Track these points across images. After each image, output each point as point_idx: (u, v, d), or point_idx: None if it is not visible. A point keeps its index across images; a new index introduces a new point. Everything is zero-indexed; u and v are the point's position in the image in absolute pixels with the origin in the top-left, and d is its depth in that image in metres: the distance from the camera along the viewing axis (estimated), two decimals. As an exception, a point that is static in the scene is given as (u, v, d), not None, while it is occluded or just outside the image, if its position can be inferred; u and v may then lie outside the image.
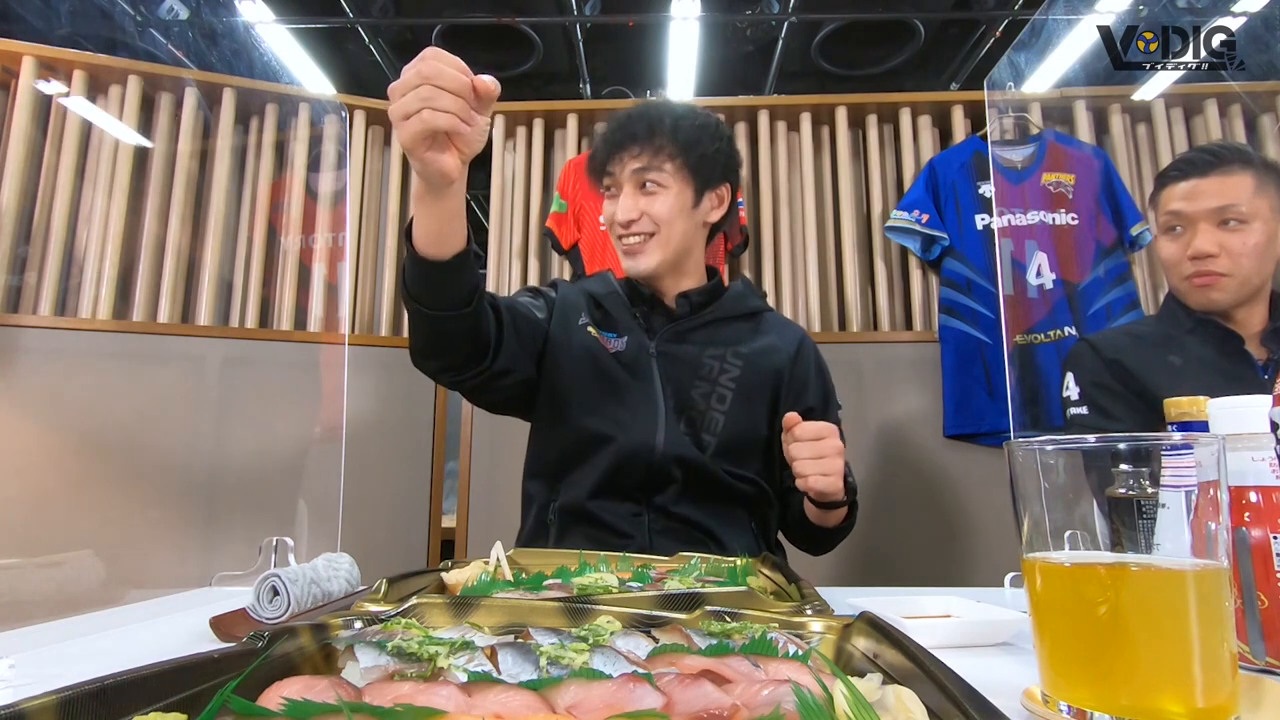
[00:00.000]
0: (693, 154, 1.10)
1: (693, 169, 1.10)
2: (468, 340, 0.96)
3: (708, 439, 1.10)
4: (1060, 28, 1.95)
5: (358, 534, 1.95)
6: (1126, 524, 0.44)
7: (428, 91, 0.71)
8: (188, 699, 0.36)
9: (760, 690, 0.37)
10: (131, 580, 1.83)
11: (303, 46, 3.27)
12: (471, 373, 1.00)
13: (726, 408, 1.11)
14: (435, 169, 0.76)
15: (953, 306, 2.13)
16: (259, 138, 2.31)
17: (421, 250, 0.84)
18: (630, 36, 3.57)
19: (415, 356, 0.98)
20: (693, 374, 1.12)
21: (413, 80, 0.72)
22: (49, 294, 2.04)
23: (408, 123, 0.72)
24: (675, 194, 1.09)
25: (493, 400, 1.14)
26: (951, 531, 2.04)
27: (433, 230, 0.83)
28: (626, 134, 1.10)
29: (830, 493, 0.96)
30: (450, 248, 0.85)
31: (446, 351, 0.96)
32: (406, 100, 0.72)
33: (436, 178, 0.77)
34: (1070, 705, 0.43)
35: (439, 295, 0.88)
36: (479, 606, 0.55)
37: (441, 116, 0.72)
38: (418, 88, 0.71)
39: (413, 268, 0.87)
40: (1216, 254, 1.17)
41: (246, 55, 3.05)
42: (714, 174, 1.13)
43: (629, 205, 1.09)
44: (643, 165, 1.08)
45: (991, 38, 3.50)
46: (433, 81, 0.71)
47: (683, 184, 1.10)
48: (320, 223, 2.29)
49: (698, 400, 1.11)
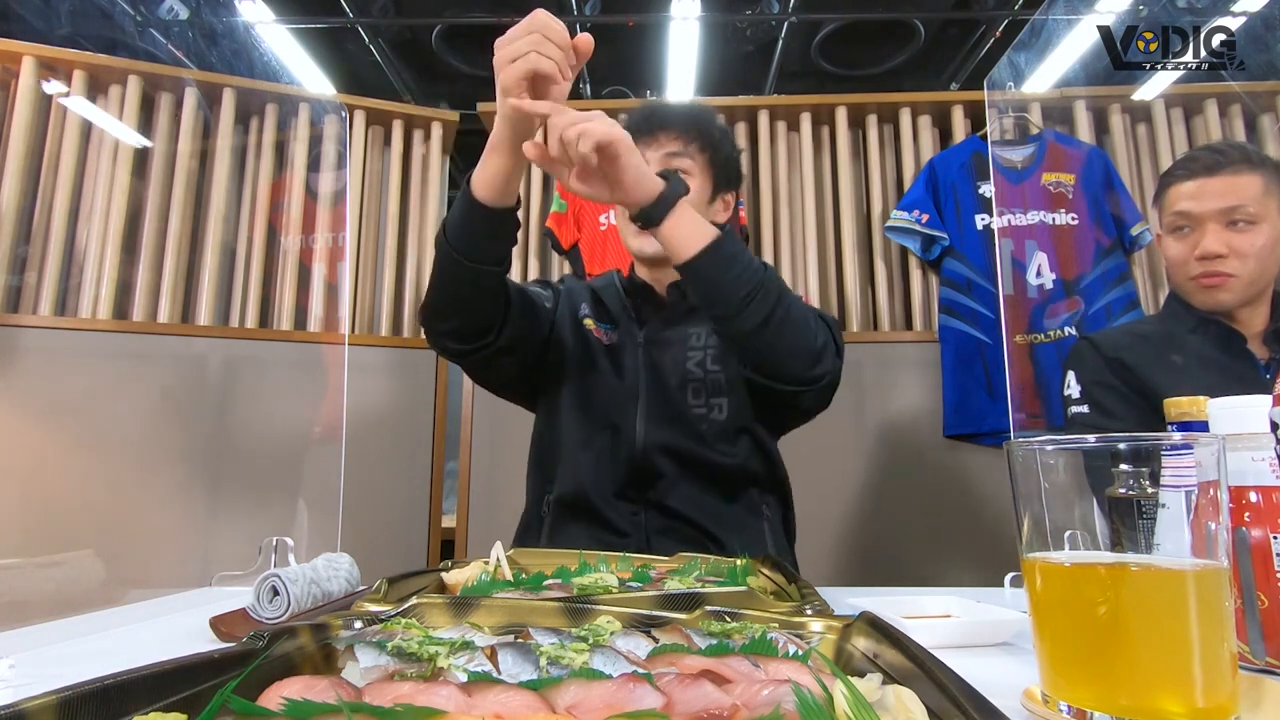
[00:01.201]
0: (720, 153, 1.13)
1: (716, 167, 1.13)
2: (488, 302, 0.99)
3: (717, 401, 1.10)
4: (1060, 28, 1.95)
5: (358, 534, 1.95)
6: (1126, 524, 0.45)
7: (538, 39, 0.80)
8: (188, 699, 0.36)
9: (760, 690, 0.37)
10: (131, 580, 1.83)
11: (303, 46, 3.27)
12: (478, 344, 1.01)
13: (723, 366, 1.11)
14: (527, 110, 0.83)
15: (953, 306, 2.13)
16: (259, 138, 2.31)
17: (481, 196, 0.90)
18: (630, 36, 3.57)
19: (430, 317, 1.00)
20: (683, 349, 1.13)
21: (524, 29, 0.80)
22: (49, 294, 2.04)
23: (514, 64, 0.80)
24: (699, 185, 1.11)
25: (495, 380, 1.15)
26: (951, 531, 2.04)
27: (499, 179, 0.89)
28: (663, 118, 1.12)
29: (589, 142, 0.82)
30: (506, 200, 0.91)
31: (466, 310, 0.99)
32: (519, 44, 0.80)
33: (521, 124, 0.85)
34: (1070, 705, 0.43)
35: (482, 246, 0.93)
36: (479, 606, 0.55)
37: (546, 61, 0.80)
38: (529, 35, 0.80)
39: (465, 214, 0.91)
40: (1225, 254, 1.16)
41: (246, 55, 3.05)
42: (730, 178, 1.16)
43: None
44: (677, 150, 1.10)
45: (991, 38, 3.50)
46: (542, 31, 0.80)
47: (704, 179, 1.13)
48: (320, 223, 2.29)
49: (694, 370, 1.11)
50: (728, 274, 0.91)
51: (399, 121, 2.43)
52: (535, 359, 1.14)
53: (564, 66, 0.82)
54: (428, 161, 2.46)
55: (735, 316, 0.92)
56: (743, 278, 0.92)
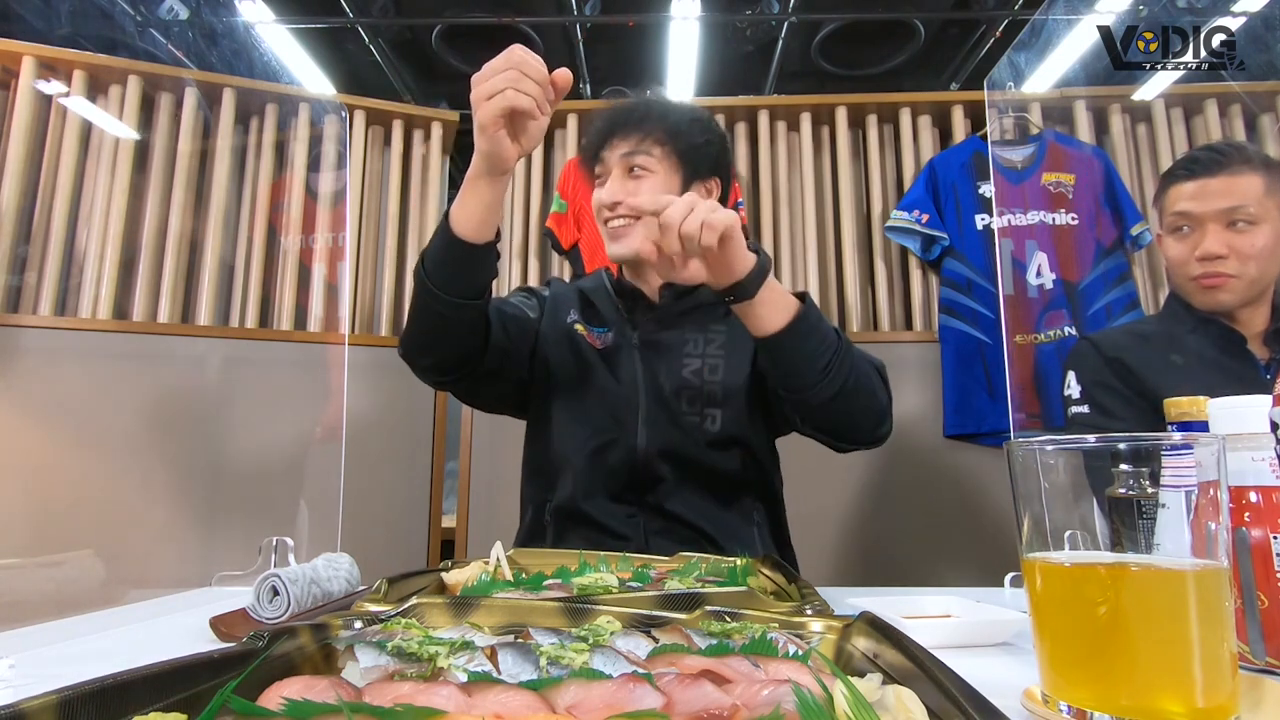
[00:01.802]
0: (681, 142, 1.10)
1: (680, 156, 1.10)
2: (467, 334, 0.97)
3: (711, 412, 1.09)
4: (1060, 28, 1.95)
5: (358, 534, 1.95)
6: (1126, 524, 0.45)
7: (515, 75, 0.79)
8: (188, 699, 0.36)
9: (760, 690, 0.37)
10: (131, 580, 1.83)
11: (303, 46, 3.27)
12: (459, 374, 1.01)
13: (721, 377, 1.10)
14: (501, 149, 0.83)
15: (953, 306, 2.13)
16: (259, 138, 2.31)
17: (459, 232, 0.88)
18: (630, 36, 3.58)
19: (410, 350, 0.99)
20: (679, 355, 1.11)
21: (501, 64, 0.80)
22: (49, 294, 2.04)
23: (491, 101, 0.79)
24: (661, 179, 1.09)
25: (484, 402, 1.15)
26: (951, 531, 2.04)
27: (477, 213, 0.88)
28: (616, 121, 1.11)
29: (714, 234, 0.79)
30: (485, 234, 0.90)
31: (444, 346, 0.97)
32: (495, 80, 0.79)
33: (498, 160, 0.84)
34: (1070, 705, 0.43)
35: (460, 280, 0.91)
36: (479, 606, 0.55)
37: (524, 98, 0.79)
38: (505, 71, 0.79)
39: (443, 250, 0.90)
40: (1225, 255, 1.16)
41: (246, 55, 3.05)
42: (702, 165, 1.12)
43: (614, 188, 1.08)
44: (630, 149, 1.08)
45: (991, 38, 3.50)
46: (519, 68, 0.79)
47: (670, 171, 1.10)
48: (320, 223, 2.29)
49: (691, 379, 1.10)
50: (807, 346, 0.88)
51: (399, 121, 2.43)
52: (524, 374, 1.14)
53: (542, 102, 0.81)
54: (428, 161, 2.47)
55: (811, 388, 0.90)
56: (821, 349, 0.89)
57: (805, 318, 0.88)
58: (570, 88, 0.83)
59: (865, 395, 0.94)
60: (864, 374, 0.94)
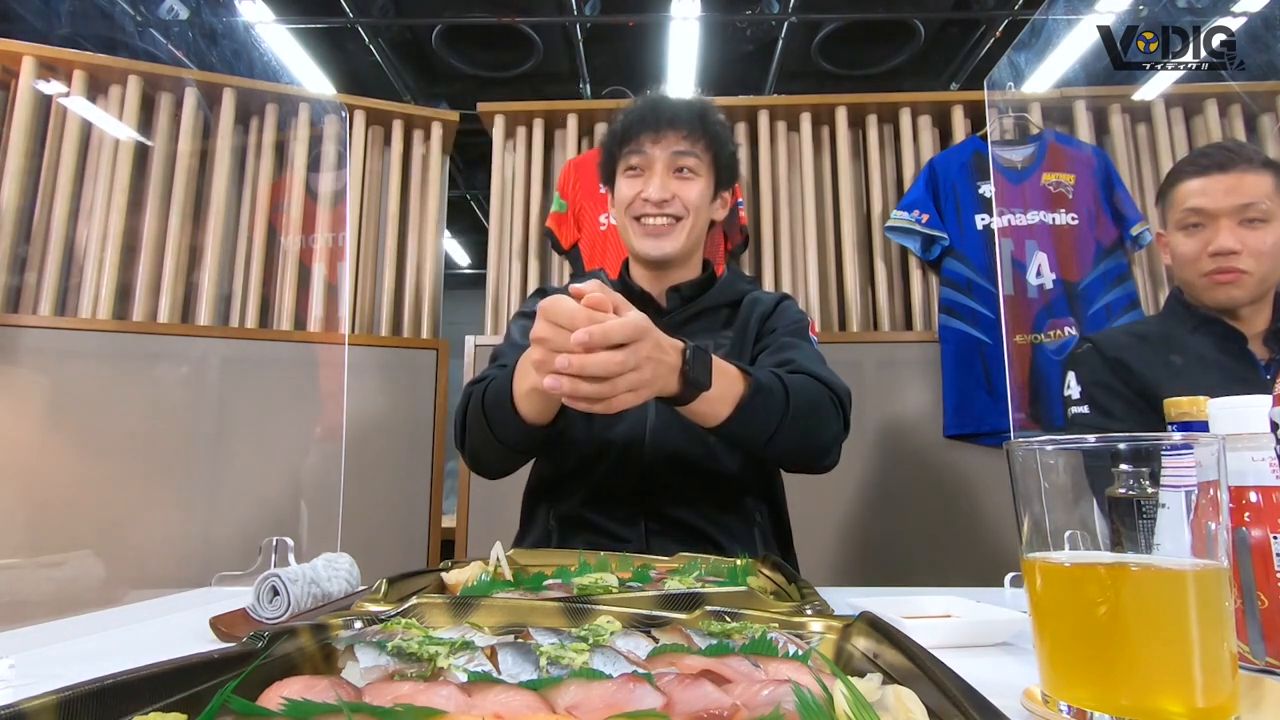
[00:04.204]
0: (723, 151, 1.13)
1: (719, 165, 1.13)
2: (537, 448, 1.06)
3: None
4: (1060, 28, 1.95)
5: (358, 534, 1.95)
6: (1126, 524, 0.44)
7: (544, 353, 0.73)
8: (188, 699, 0.36)
9: (760, 690, 0.37)
10: (131, 580, 1.83)
11: (303, 46, 3.28)
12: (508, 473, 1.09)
13: None
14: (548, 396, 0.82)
15: (953, 306, 2.13)
16: (259, 138, 2.31)
17: (525, 415, 0.92)
18: (630, 36, 3.58)
19: (467, 457, 1.08)
20: None
21: (542, 327, 0.73)
22: (49, 294, 2.04)
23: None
24: (704, 184, 1.11)
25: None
26: (951, 531, 2.04)
27: (544, 412, 0.93)
28: (669, 116, 1.11)
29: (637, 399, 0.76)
30: (548, 417, 0.94)
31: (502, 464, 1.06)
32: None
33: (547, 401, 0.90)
34: (1070, 705, 0.43)
35: (523, 438, 0.97)
36: (479, 606, 0.55)
37: (558, 382, 0.72)
38: (541, 336, 0.73)
39: (504, 414, 0.94)
40: (1239, 250, 1.16)
41: (246, 55, 3.05)
42: (730, 175, 1.16)
43: (663, 184, 1.09)
44: (684, 149, 1.10)
45: (991, 38, 3.51)
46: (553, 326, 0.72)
47: (709, 176, 1.13)
48: (320, 223, 2.29)
49: None
50: (755, 422, 0.89)
51: (399, 121, 2.43)
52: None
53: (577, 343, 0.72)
54: (428, 161, 2.47)
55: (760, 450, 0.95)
56: (767, 423, 0.90)
57: (749, 401, 0.87)
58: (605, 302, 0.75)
59: (811, 437, 0.96)
60: (814, 422, 0.95)
